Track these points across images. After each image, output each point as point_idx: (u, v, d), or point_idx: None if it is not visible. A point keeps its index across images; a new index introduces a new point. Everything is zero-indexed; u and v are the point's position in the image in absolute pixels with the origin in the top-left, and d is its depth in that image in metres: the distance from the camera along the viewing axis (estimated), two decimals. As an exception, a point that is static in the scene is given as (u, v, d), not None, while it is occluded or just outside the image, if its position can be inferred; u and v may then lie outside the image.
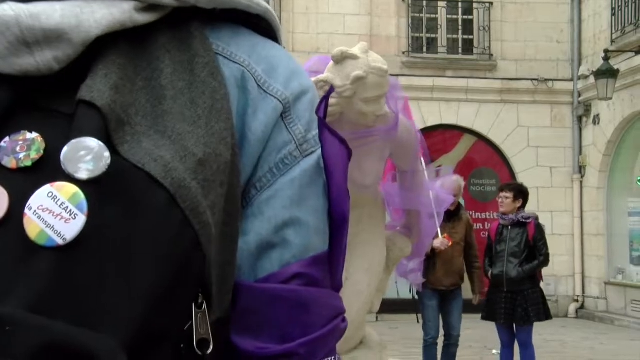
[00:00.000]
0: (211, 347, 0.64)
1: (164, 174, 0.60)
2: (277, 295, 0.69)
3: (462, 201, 12.37)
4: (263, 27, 0.78)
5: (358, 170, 3.41)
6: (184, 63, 0.69)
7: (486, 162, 13.91)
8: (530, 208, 13.96)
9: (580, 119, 13.92)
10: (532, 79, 13.87)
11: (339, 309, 0.73)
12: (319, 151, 0.73)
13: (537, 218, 6.62)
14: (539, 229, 6.53)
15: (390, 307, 11.80)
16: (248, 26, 0.77)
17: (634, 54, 12.15)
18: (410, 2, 13.96)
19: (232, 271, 0.68)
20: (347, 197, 0.74)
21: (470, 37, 14.24)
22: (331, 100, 3.16)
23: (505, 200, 6.49)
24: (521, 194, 6.56)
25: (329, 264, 0.73)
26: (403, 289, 7.53)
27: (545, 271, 13.70)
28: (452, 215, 6.59)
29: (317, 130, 0.74)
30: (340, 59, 3.16)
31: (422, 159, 3.93)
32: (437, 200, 3.94)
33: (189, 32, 0.71)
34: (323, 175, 0.74)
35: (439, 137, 13.39)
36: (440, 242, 6.35)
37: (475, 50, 14.14)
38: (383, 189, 3.77)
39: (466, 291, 6.95)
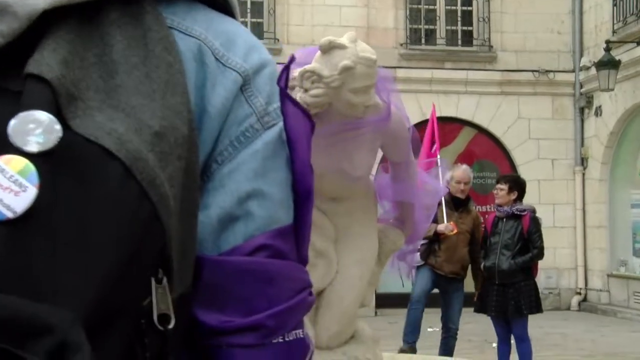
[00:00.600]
0: (173, 322, 0.63)
1: (118, 146, 0.59)
2: (242, 268, 0.68)
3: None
4: (220, 3, 0.78)
5: (348, 161, 3.35)
6: (137, 38, 0.68)
7: (487, 154, 13.84)
8: (531, 201, 13.91)
9: (582, 110, 13.84)
10: (532, 71, 13.77)
11: (305, 282, 0.73)
12: (281, 123, 0.73)
13: (533, 211, 6.56)
14: (535, 221, 6.47)
15: (389, 301, 11.79)
16: (204, 3, 0.77)
17: (635, 44, 12.06)
18: (408, -7, 13.87)
19: (193, 245, 0.67)
20: (310, 171, 0.73)
21: (470, 28, 14.14)
22: (319, 91, 3.10)
23: (500, 192, 6.45)
24: (517, 185, 6.51)
25: (295, 238, 0.72)
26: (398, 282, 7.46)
27: (547, 264, 13.68)
28: (460, 205, 6.59)
29: (279, 103, 0.73)
30: (328, 49, 3.09)
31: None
32: (430, 192, 3.87)
33: (141, 8, 0.70)
34: (286, 148, 0.73)
35: (439, 130, 13.30)
36: (445, 226, 6.36)
37: (474, 42, 14.04)
38: (375, 181, 3.70)
39: (468, 285, 6.90)
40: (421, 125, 10.37)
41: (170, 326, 0.63)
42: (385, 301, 11.97)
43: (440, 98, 13.67)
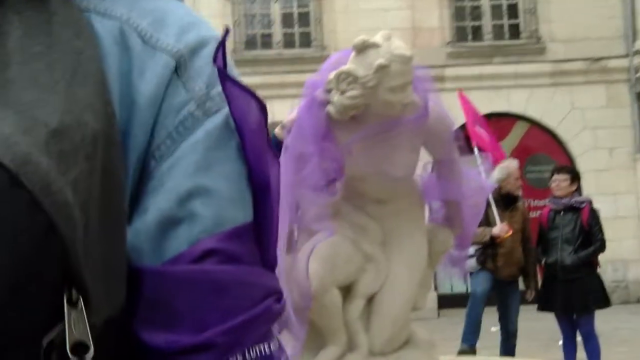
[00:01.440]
0: (91, 352, 0.54)
1: (3, 150, 0.51)
2: (187, 278, 0.59)
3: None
4: None
5: (389, 162, 3.30)
6: (40, 25, 0.60)
7: (541, 147, 13.54)
8: (590, 192, 13.56)
9: (638, 96, 13.44)
10: (584, 59, 13.44)
11: (271, 288, 0.63)
12: (227, 109, 0.63)
13: (591, 202, 6.32)
14: (594, 213, 6.23)
15: (451, 302, 11.65)
16: None
17: (690, 23, 11.66)
18: (451, -9, 13.73)
19: (121, 258, 0.59)
20: (268, 159, 0.64)
21: (516, 21, 13.89)
22: (355, 92, 3.06)
23: (562, 183, 6.21)
24: (577, 177, 6.29)
25: (258, 237, 0.63)
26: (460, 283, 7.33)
27: (613, 256, 13.26)
28: (510, 203, 6.39)
29: None
30: (362, 48, 3.05)
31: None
32: (477, 189, 3.78)
33: None
34: (235, 136, 0.63)
35: (491, 126, 13.08)
36: (500, 228, 6.15)
37: (522, 35, 13.79)
38: (420, 180, 3.63)
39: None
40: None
41: (89, 355, 0.54)
42: (448, 302, 11.86)
43: (491, 94, 13.48)
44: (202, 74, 0.64)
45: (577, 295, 6.01)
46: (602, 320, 6.33)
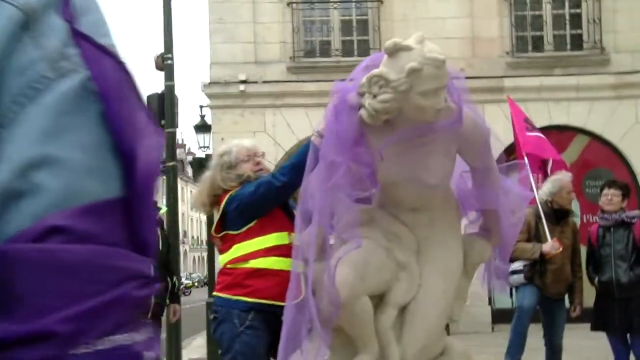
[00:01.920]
0: None
1: None
2: (27, 258, 0.53)
3: (577, 205, 11.87)
4: None
5: (423, 169, 3.22)
6: None
7: (602, 162, 13.15)
8: (655, 209, 13.04)
9: None
10: (650, 71, 13.03)
11: (134, 272, 0.57)
12: (87, 71, 0.57)
13: None
14: None
15: (506, 316, 11.39)
16: None
17: None
18: (512, 0, 13.48)
19: None
20: (138, 128, 0.59)
21: (579, 31, 13.56)
22: (387, 96, 2.99)
23: (615, 198, 5.99)
24: (629, 192, 6.07)
25: (125, 216, 0.57)
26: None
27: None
28: (561, 218, 6.17)
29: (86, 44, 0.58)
30: (394, 51, 2.98)
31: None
32: (516, 198, 3.65)
33: None
34: (96, 101, 0.57)
35: (549, 139, 12.78)
36: (551, 245, 5.95)
37: (585, 45, 13.45)
38: (456, 188, 3.54)
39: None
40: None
41: None
42: (503, 317, 11.62)
43: (550, 105, 13.19)
44: (57, 30, 0.58)
45: (634, 315, 5.78)
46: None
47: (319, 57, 13.27)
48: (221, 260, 3.92)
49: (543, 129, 12.87)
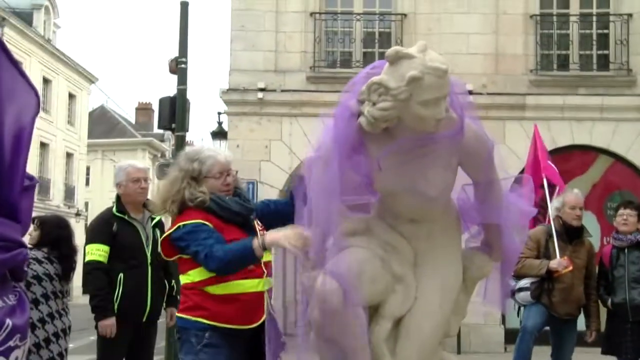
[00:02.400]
0: None
1: None
2: None
3: (598, 227, 11.68)
4: None
5: (423, 180, 3.15)
6: None
7: (625, 184, 12.95)
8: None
9: None
10: (676, 94, 12.84)
11: None
12: None
13: None
14: None
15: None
16: None
17: None
18: (538, 18, 13.37)
19: None
20: None
21: (606, 52, 13.41)
22: (386, 104, 2.94)
23: (630, 218, 5.87)
24: None
25: None
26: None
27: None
28: (574, 237, 6.03)
29: None
30: (395, 59, 2.92)
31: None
32: (519, 213, 3.56)
33: None
34: None
35: (571, 159, 12.62)
36: (558, 262, 5.82)
37: (611, 66, 13.28)
38: (457, 201, 3.46)
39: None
40: (553, 154, 9.89)
41: None
42: (515, 337, 11.43)
43: (573, 125, 13.03)
44: None
45: None
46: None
47: (339, 68, 13.25)
48: (181, 279, 3.74)
49: (565, 149, 12.80)
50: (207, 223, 3.58)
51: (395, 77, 2.90)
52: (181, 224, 3.59)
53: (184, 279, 3.67)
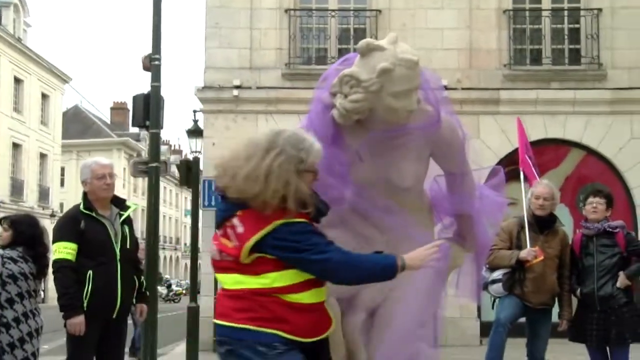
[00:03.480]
0: None
1: None
2: None
3: (571, 219, 11.80)
4: None
5: (396, 171, 3.18)
6: None
7: (597, 177, 13.10)
8: (650, 225, 12.95)
9: (703, 128, 12.92)
10: (646, 88, 13.02)
11: None
12: None
13: (624, 227, 5.98)
14: (630, 237, 5.93)
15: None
16: None
17: None
18: (511, 13, 13.48)
19: None
20: None
21: (577, 46, 13.56)
22: (358, 96, 2.96)
23: (599, 206, 5.91)
24: (612, 201, 5.99)
25: None
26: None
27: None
28: (545, 227, 6.07)
29: None
30: (366, 51, 2.95)
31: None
32: (491, 203, 3.60)
33: None
34: None
35: (545, 152, 12.74)
36: (527, 252, 5.84)
37: (582, 60, 13.44)
38: (430, 192, 3.49)
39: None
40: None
41: None
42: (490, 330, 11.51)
43: (546, 119, 13.16)
44: None
45: (612, 327, 5.71)
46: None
47: (314, 65, 13.25)
48: (240, 280, 2.88)
49: (538, 143, 12.90)
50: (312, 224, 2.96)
51: (367, 69, 2.93)
52: (289, 220, 2.84)
53: (252, 282, 2.86)
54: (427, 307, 3.50)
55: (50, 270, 4.98)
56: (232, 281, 2.90)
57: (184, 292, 43.89)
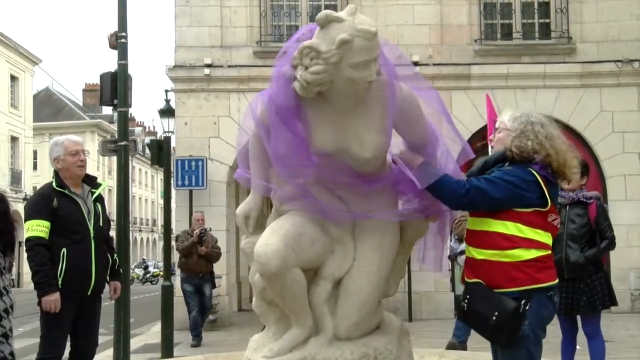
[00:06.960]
0: None
1: None
2: None
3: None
4: None
5: (357, 142, 3.20)
6: None
7: (568, 150, 13.23)
8: (617, 197, 13.25)
9: (671, 100, 13.10)
10: (615, 61, 13.15)
11: None
12: None
13: (599, 198, 6.02)
14: (602, 209, 5.92)
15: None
16: None
17: None
18: (482, -12, 13.52)
19: None
20: None
21: (547, 20, 13.65)
22: (318, 67, 2.98)
23: (574, 176, 5.93)
24: (586, 170, 5.95)
25: None
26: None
27: (637, 263, 12.91)
28: None
29: None
30: (325, 23, 2.96)
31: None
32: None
33: None
34: None
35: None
36: None
37: (552, 34, 13.53)
38: (393, 164, 3.52)
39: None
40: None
41: None
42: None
43: (518, 93, 13.26)
44: None
45: (582, 296, 5.76)
46: (620, 326, 6.05)
47: (285, 42, 13.19)
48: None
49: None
50: None
51: (326, 41, 2.94)
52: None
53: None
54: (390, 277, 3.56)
55: (23, 249, 4.95)
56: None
57: (161, 273, 43.77)
